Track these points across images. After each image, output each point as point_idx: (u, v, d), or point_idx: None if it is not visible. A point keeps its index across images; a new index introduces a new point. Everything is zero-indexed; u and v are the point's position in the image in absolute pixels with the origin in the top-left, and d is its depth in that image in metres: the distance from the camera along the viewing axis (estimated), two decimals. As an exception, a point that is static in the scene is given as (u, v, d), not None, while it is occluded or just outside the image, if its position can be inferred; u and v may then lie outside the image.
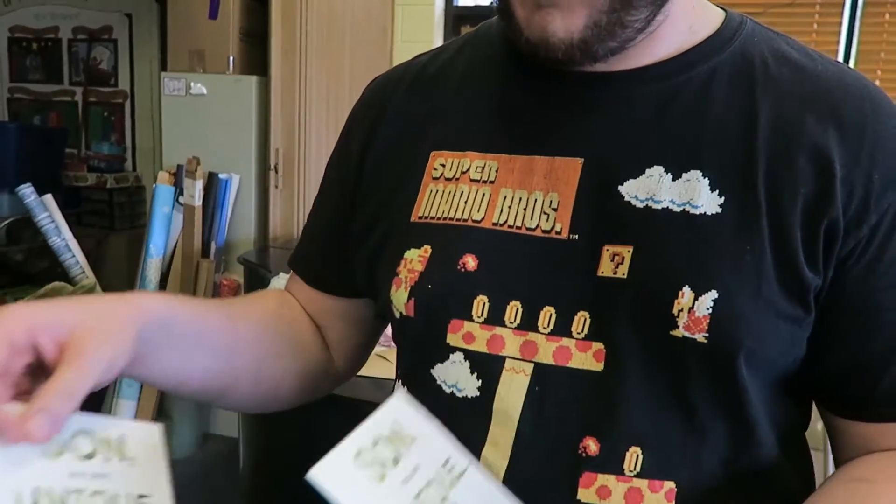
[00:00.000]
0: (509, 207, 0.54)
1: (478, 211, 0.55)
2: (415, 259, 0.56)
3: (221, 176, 2.80)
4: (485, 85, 0.59)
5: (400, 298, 0.56)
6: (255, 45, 3.00)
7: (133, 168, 4.35)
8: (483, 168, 0.56)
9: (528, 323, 0.52)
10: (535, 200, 0.53)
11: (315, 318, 0.70)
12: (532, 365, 0.52)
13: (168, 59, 2.98)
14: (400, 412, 0.46)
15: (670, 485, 0.51)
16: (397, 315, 0.58)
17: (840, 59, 3.20)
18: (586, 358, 0.51)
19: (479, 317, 0.54)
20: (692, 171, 0.51)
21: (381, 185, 0.62)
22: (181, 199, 2.79)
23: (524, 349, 0.52)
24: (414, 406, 0.47)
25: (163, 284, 2.79)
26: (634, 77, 0.53)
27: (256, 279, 2.36)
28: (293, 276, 0.72)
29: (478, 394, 0.54)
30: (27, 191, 2.70)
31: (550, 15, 0.48)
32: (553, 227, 0.53)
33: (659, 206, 0.51)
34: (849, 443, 0.54)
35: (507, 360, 0.53)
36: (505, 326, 0.53)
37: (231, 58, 2.88)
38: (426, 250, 0.56)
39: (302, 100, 2.92)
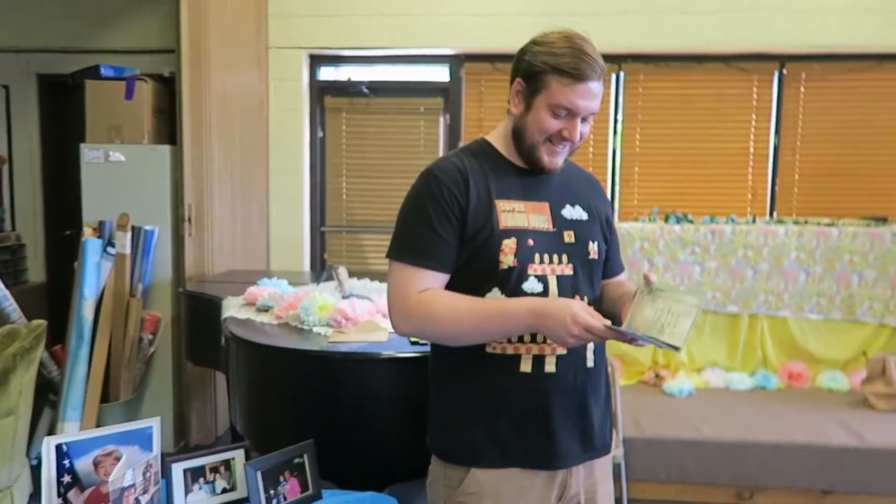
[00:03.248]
0: (534, 220, 1.47)
1: (526, 223, 1.46)
2: (509, 242, 1.43)
3: (147, 228, 3.46)
4: (501, 170, 1.51)
5: (508, 259, 1.43)
6: (164, 120, 3.71)
7: (13, 228, 4.72)
8: (519, 205, 1.48)
9: (550, 262, 1.46)
10: (540, 216, 1.48)
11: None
12: (556, 276, 1.46)
13: (87, 133, 3.59)
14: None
15: (586, 298, 1.49)
16: (505, 267, 1.42)
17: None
18: (568, 270, 1.47)
19: (538, 263, 1.45)
20: (577, 205, 1.54)
21: (483, 217, 1.45)
22: (110, 249, 3.40)
23: (552, 270, 1.46)
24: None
25: (95, 320, 3.37)
26: (556, 174, 1.53)
27: (201, 305, 3.07)
28: (423, 272, 1.44)
29: (542, 290, 1.44)
30: (-32, 249, 3.17)
31: (559, 157, 1.49)
32: (548, 227, 1.48)
33: (574, 218, 1.52)
34: (606, 289, 1.63)
35: (548, 275, 1.45)
36: (545, 264, 1.45)
37: (146, 130, 3.57)
38: (513, 240, 1.44)
39: (207, 163, 3.67)
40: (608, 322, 1.33)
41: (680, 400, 3.67)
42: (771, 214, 4.41)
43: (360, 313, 2.42)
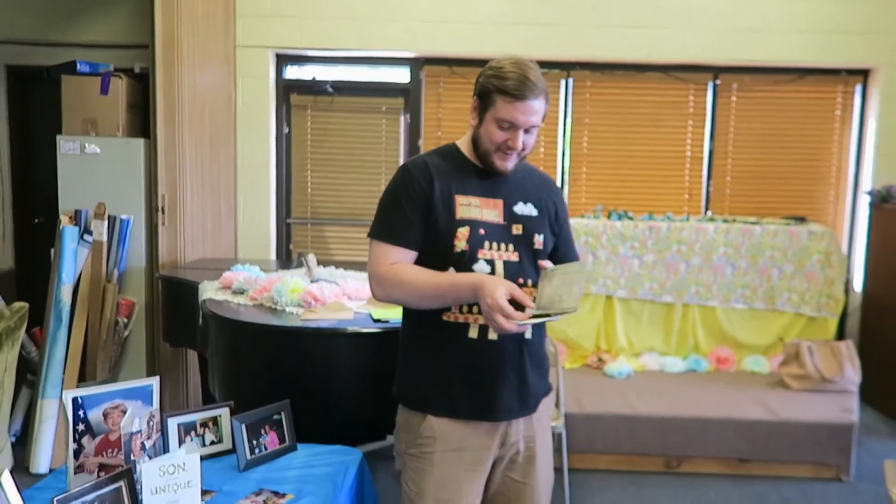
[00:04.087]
0: (487, 213, 1.79)
1: (479, 215, 1.77)
2: (463, 230, 1.75)
3: (123, 216, 3.69)
4: (464, 170, 1.82)
5: (461, 244, 1.74)
6: (137, 114, 3.93)
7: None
8: (475, 201, 1.79)
9: (498, 249, 1.78)
10: (493, 211, 1.80)
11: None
12: (503, 261, 1.77)
13: (63, 126, 3.80)
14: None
15: (530, 282, 1.78)
16: (458, 250, 1.74)
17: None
18: (514, 256, 1.79)
19: (487, 249, 1.76)
20: (529, 203, 1.85)
21: (443, 208, 1.75)
22: (86, 237, 3.63)
23: (499, 256, 1.77)
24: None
25: (73, 304, 3.59)
26: (512, 174, 1.83)
27: (178, 288, 3.33)
28: (394, 248, 1.76)
29: (490, 271, 1.75)
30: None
31: (509, 162, 1.79)
32: (499, 220, 1.79)
33: (524, 214, 1.83)
34: None
35: (496, 260, 1.76)
36: (494, 250, 1.77)
37: (120, 124, 3.80)
38: (467, 228, 1.75)
39: (180, 155, 3.91)
40: (519, 314, 1.63)
41: (619, 381, 4.06)
42: (706, 213, 4.84)
43: (328, 295, 2.72)
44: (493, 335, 1.77)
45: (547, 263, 1.73)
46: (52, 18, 4.65)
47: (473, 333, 1.77)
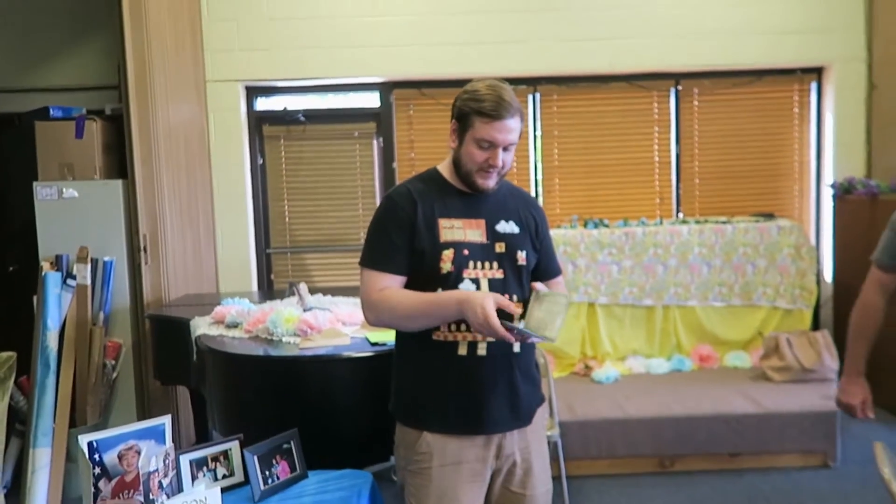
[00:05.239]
0: (470, 234, 1.87)
1: (463, 236, 1.86)
2: (448, 252, 1.83)
3: (105, 259, 3.69)
4: (446, 194, 1.90)
5: (447, 266, 1.83)
6: (113, 155, 3.95)
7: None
8: (458, 223, 1.87)
9: (483, 268, 1.86)
10: (475, 231, 1.88)
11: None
12: (487, 279, 1.85)
13: (39, 171, 3.80)
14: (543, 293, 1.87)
15: (515, 297, 1.87)
16: (444, 272, 1.83)
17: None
18: (498, 274, 1.87)
19: (472, 269, 1.85)
20: (511, 220, 1.92)
21: (427, 232, 1.84)
22: (70, 281, 3.62)
23: (484, 275, 1.85)
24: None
25: (59, 350, 3.58)
26: (492, 193, 1.91)
27: (168, 326, 3.35)
28: (383, 275, 1.84)
29: (475, 290, 1.83)
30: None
31: (490, 181, 1.87)
32: (482, 240, 1.87)
33: (506, 231, 1.90)
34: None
35: (481, 278, 1.85)
36: (479, 269, 1.85)
37: (97, 166, 3.82)
38: (451, 250, 1.84)
39: (159, 194, 3.94)
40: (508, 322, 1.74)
41: (607, 386, 4.16)
42: (677, 215, 4.99)
43: (323, 322, 2.77)
44: (482, 351, 1.85)
45: (539, 286, 1.83)
46: (18, 65, 4.64)
47: (463, 350, 1.85)
